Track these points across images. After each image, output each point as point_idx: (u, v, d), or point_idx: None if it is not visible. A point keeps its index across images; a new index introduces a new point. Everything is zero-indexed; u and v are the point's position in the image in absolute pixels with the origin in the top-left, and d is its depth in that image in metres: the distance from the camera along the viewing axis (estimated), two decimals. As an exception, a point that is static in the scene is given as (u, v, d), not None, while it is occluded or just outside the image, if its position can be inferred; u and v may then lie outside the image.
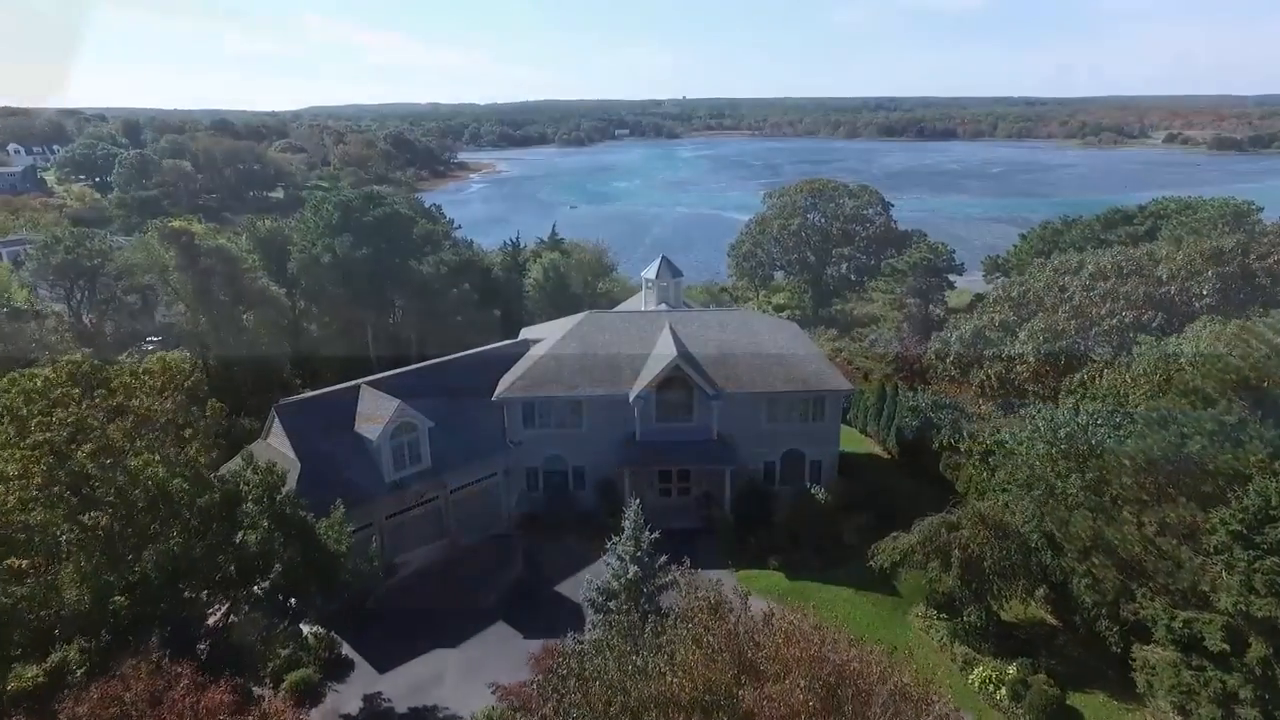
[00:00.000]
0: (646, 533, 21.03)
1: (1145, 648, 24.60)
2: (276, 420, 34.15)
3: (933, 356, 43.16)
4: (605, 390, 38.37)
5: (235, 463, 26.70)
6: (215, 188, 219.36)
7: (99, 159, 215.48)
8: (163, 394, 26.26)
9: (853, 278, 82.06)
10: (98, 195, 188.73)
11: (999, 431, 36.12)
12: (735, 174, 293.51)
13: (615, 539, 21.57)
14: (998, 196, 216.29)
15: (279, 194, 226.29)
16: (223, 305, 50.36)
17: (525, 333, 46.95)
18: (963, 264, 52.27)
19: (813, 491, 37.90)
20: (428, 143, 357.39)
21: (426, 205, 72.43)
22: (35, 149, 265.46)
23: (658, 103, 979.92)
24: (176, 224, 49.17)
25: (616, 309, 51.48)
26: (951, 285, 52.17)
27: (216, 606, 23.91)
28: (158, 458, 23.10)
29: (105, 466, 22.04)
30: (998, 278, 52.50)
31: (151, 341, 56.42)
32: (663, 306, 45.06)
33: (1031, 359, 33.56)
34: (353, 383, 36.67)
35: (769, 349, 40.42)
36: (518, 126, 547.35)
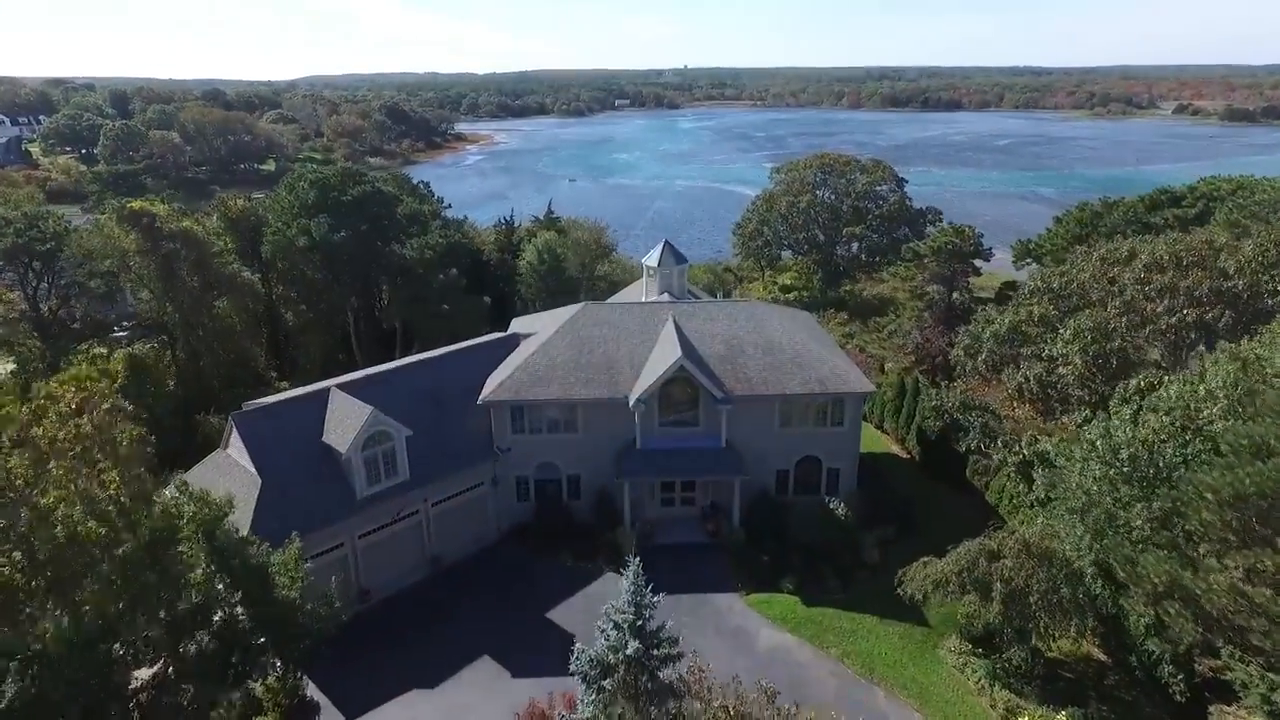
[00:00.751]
0: (649, 594, 17.60)
1: (1228, 710, 21.24)
2: (235, 429, 30.55)
3: (961, 352, 39.39)
4: (602, 393, 34.73)
5: (173, 490, 23.12)
6: (204, 160, 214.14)
7: (84, 130, 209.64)
8: (79, 415, 22.59)
9: (864, 258, 78.05)
10: (84, 168, 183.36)
11: (1039, 441, 32.52)
12: (737, 146, 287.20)
13: (610, 604, 18.11)
14: (1009, 170, 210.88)
15: (270, 166, 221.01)
16: (190, 292, 46.53)
17: (516, 324, 43.20)
18: (990, 249, 48.32)
19: (831, 506, 34.39)
20: (424, 113, 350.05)
21: (414, 182, 68.11)
22: (21, 119, 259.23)
23: (658, 72, 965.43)
24: (137, 204, 45.11)
25: (616, 297, 47.68)
26: (977, 271, 48.16)
27: (145, 668, 20.49)
28: (74, 491, 19.52)
29: (4, 507, 18.47)
30: (1027, 264, 48.25)
31: (123, 330, 52.69)
32: (665, 296, 41.27)
33: (1078, 360, 29.88)
34: (320, 385, 32.97)
35: (783, 345, 36.69)
36: (516, 97, 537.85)
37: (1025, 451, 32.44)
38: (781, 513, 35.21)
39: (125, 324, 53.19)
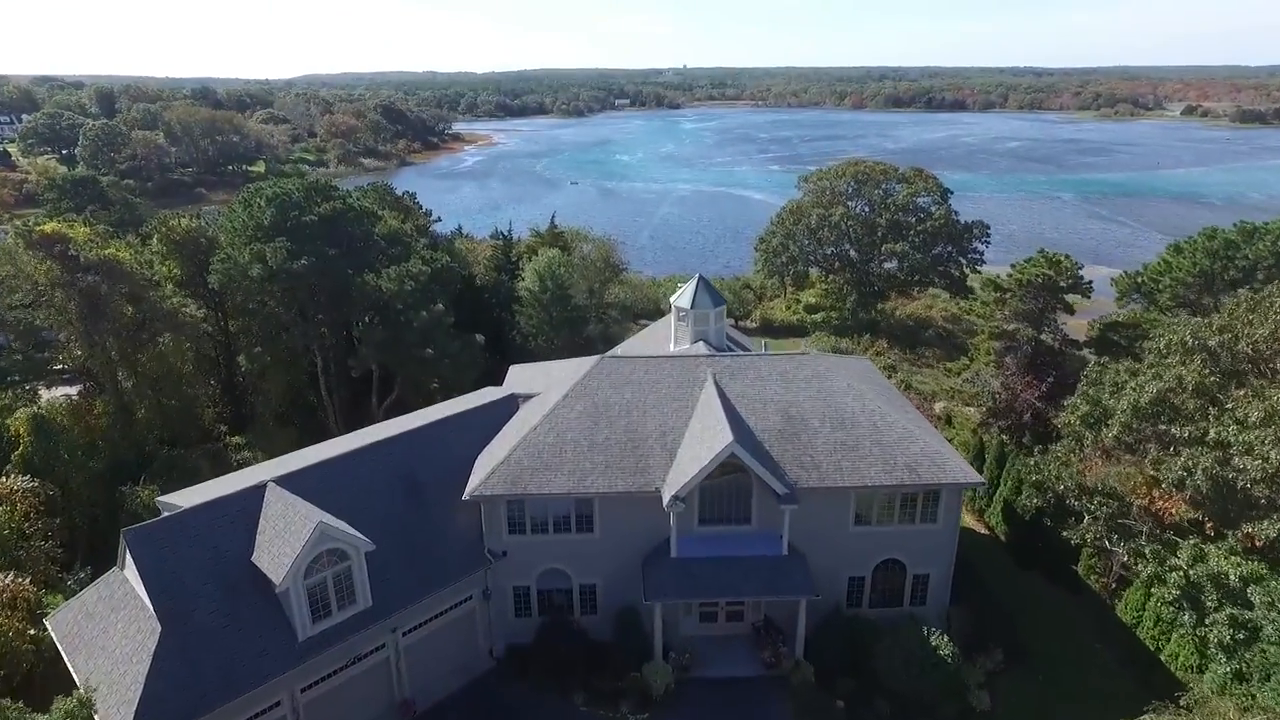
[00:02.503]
0: None
1: None
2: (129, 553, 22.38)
3: (1076, 420, 31.29)
4: (628, 485, 26.63)
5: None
6: (191, 161, 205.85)
7: (64, 129, 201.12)
8: None
9: (901, 276, 70.06)
10: (64, 169, 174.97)
11: (1206, 555, 24.47)
12: (742, 148, 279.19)
13: None
14: (1030, 173, 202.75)
15: (259, 168, 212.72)
16: (120, 332, 38.41)
17: (515, 377, 35.12)
18: (1090, 283, 40.04)
19: (927, 633, 26.27)
20: (421, 113, 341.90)
21: (399, 193, 59.80)
22: (2, 118, 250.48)
23: (658, 72, 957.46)
24: (49, 227, 36.98)
25: (637, 341, 39.52)
26: (1070, 310, 39.96)
27: None
28: None
29: None
30: (1132, 301, 40.18)
31: (61, 375, 44.32)
32: (700, 346, 33.19)
33: (1274, 455, 21.99)
34: (251, 483, 24.72)
35: (855, 416, 28.63)
36: (515, 96, 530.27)
37: (1188, 569, 24.38)
38: (859, 637, 27.12)
39: (63, 369, 44.92)
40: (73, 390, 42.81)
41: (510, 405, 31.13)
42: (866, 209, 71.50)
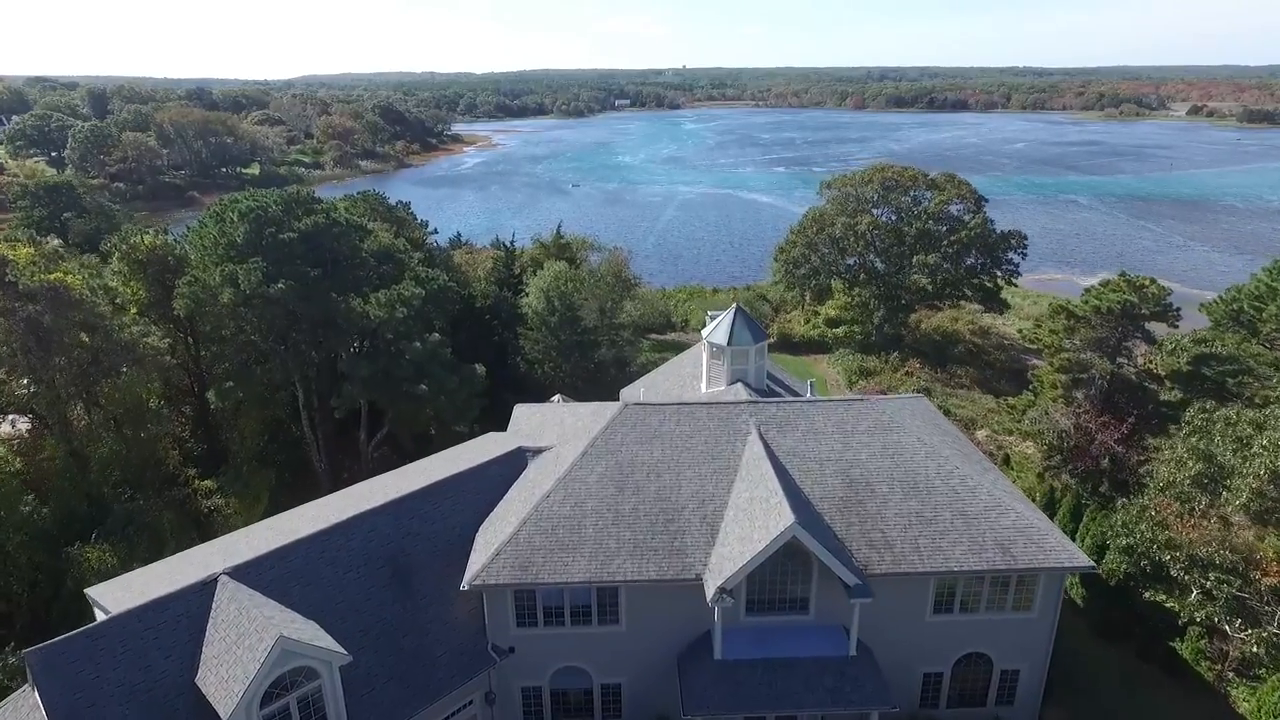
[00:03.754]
0: None
1: None
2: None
3: (1185, 479, 26.55)
4: (661, 570, 21.93)
5: None
6: (183, 163, 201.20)
7: (53, 131, 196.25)
8: None
9: (930, 289, 65.31)
10: (53, 171, 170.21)
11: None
12: (745, 149, 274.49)
13: None
14: (1040, 175, 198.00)
15: (254, 170, 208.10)
16: (70, 367, 33.68)
17: (520, 419, 30.41)
18: (1178, 309, 35.17)
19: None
20: (419, 114, 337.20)
21: (392, 203, 54.95)
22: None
23: (658, 72, 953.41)
24: (-14, 248, 32.33)
25: (660, 376, 34.68)
26: (1151, 340, 35.01)
27: None
28: None
29: None
30: (1228, 329, 35.32)
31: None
32: (739, 389, 28.46)
33: None
34: (201, 575, 19.97)
35: (930, 479, 23.95)
36: (515, 97, 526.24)
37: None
38: (940, 753, 22.42)
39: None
40: (23, 424, 38.11)
41: (517, 462, 26.40)
42: (893, 217, 66.77)
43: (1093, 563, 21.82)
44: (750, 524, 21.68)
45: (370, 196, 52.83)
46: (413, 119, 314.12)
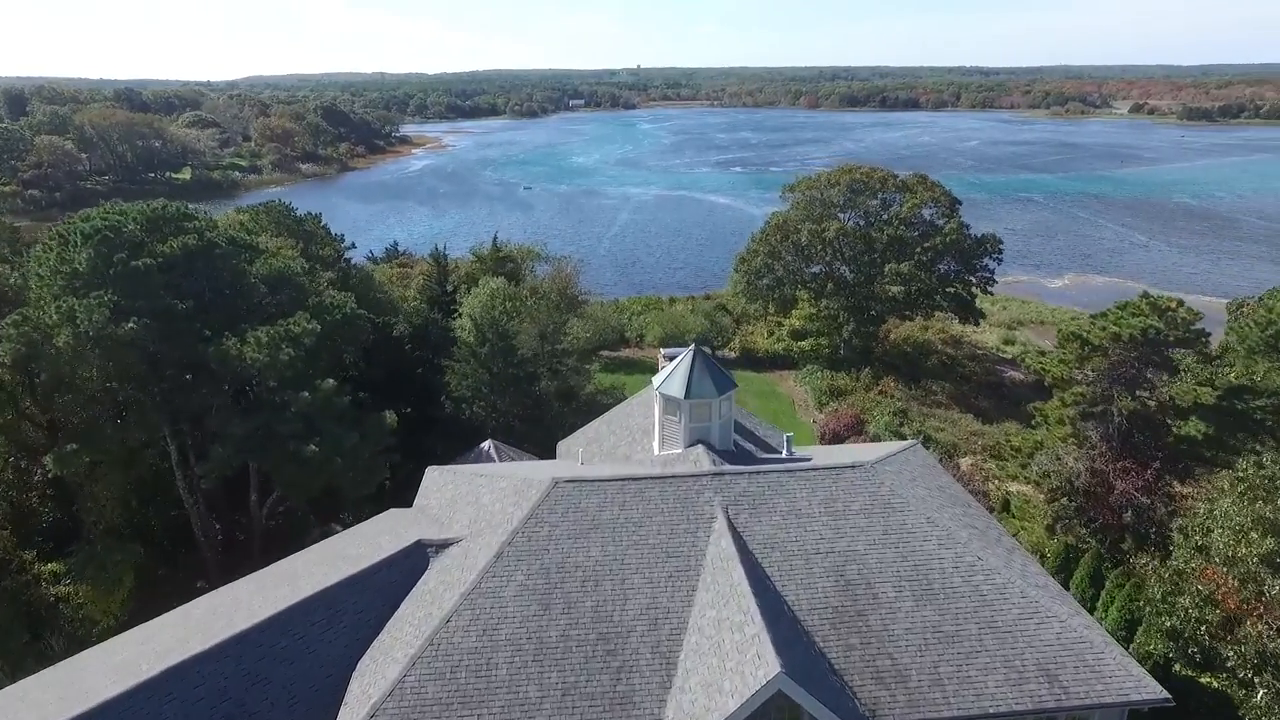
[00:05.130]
0: None
1: None
2: None
3: (1253, 560, 21.53)
4: (600, 731, 16.09)
5: None
6: (107, 168, 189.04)
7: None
8: None
9: (902, 299, 60.61)
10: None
11: None
12: (702, 149, 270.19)
13: None
14: (995, 174, 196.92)
15: (185, 175, 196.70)
16: None
17: (429, 491, 24.35)
18: (1207, 335, 30.42)
19: None
20: (366, 115, 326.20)
21: (300, 215, 47.82)
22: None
23: (612, 72, 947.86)
24: None
25: (605, 426, 28.62)
26: (1174, 370, 29.92)
27: None
28: None
29: None
30: (1261, 354, 30.64)
31: None
32: (699, 452, 22.70)
33: None
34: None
35: (948, 575, 18.62)
36: (467, 97, 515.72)
37: None
38: None
39: None
40: None
41: (415, 561, 20.33)
42: (862, 222, 62.00)
43: (1167, 695, 16.72)
44: (720, 663, 15.97)
45: (275, 208, 45.92)
46: (358, 120, 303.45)
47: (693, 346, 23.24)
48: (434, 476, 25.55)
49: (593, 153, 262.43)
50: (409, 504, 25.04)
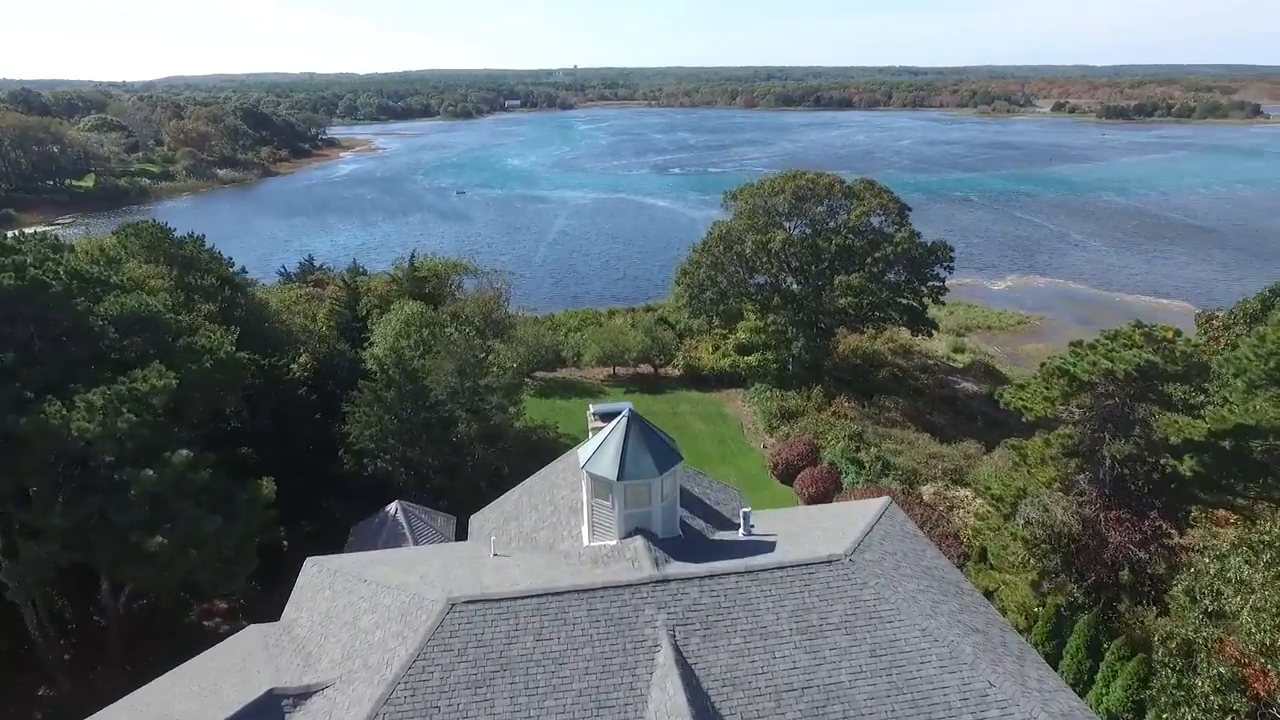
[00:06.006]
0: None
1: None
2: None
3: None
4: None
5: None
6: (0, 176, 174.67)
7: None
8: None
9: (851, 312, 57.42)
10: None
11: None
12: (641, 150, 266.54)
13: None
14: (930, 173, 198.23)
15: (88, 182, 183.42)
16: None
17: (300, 599, 19.33)
18: (1207, 367, 27.38)
19: None
20: (290, 117, 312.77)
21: (176, 235, 41.16)
22: None
23: (549, 72, 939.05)
24: None
25: (526, 499, 23.88)
26: (1170, 406, 26.51)
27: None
28: None
29: None
30: (1263, 387, 27.45)
31: None
32: (638, 547, 18.23)
33: None
34: None
35: (949, 701, 14.64)
36: (399, 98, 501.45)
37: None
38: None
39: None
40: None
41: (267, 715, 15.35)
42: (808, 230, 58.60)
43: None
44: None
45: (146, 229, 39.50)
46: (281, 123, 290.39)
47: (626, 411, 18.73)
48: (311, 576, 20.51)
49: (529, 155, 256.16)
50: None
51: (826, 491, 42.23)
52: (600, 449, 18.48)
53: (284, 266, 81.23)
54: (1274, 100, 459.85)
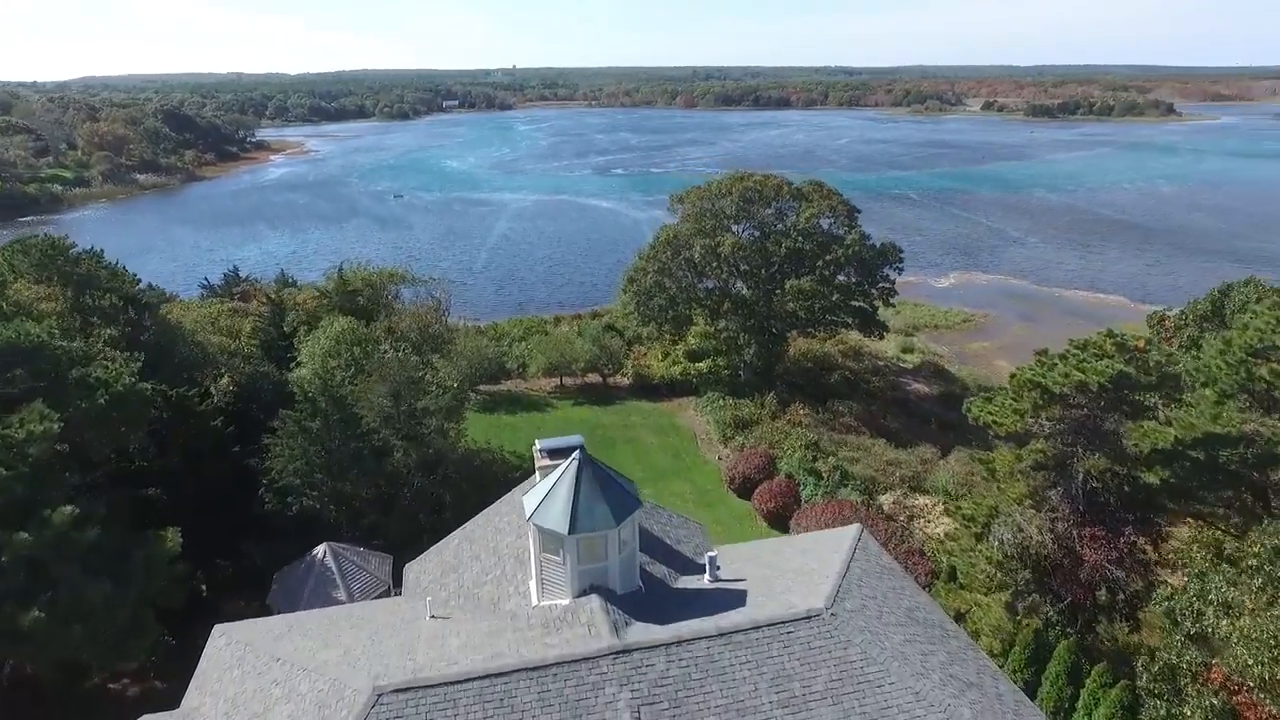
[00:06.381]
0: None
1: None
2: None
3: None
4: None
5: None
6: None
7: None
8: None
9: (802, 316, 56.30)
10: None
11: None
12: (582, 151, 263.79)
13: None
14: (868, 171, 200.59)
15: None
16: None
17: (203, 680, 16.64)
18: (1178, 377, 26.62)
19: None
20: (216, 119, 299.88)
21: (74, 252, 37.06)
22: None
23: (487, 72, 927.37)
24: None
25: (467, 545, 21.40)
26: (1141, 415, 25.74)
27: None
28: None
29: None
30: (1234, 395, 26.35)
31: None
32: (594, 607, 16.08)
33: None
34: None
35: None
36: (333, 99, 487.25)
37: None
38: None
39: None
40: None
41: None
42: (756, 233, 57.28)
43: None
44: None
45: (35, 245, 35.40)
46: (206, 124, 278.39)
47: (577, 455, 16.61)
48: (219, 650, 17.82)
49: (468, 157, 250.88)
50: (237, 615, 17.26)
51: (786, 505, 40.79)
52: (549, 498, 16.30)
53: (206, 279, 76.50)
54: (1184, 99, 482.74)
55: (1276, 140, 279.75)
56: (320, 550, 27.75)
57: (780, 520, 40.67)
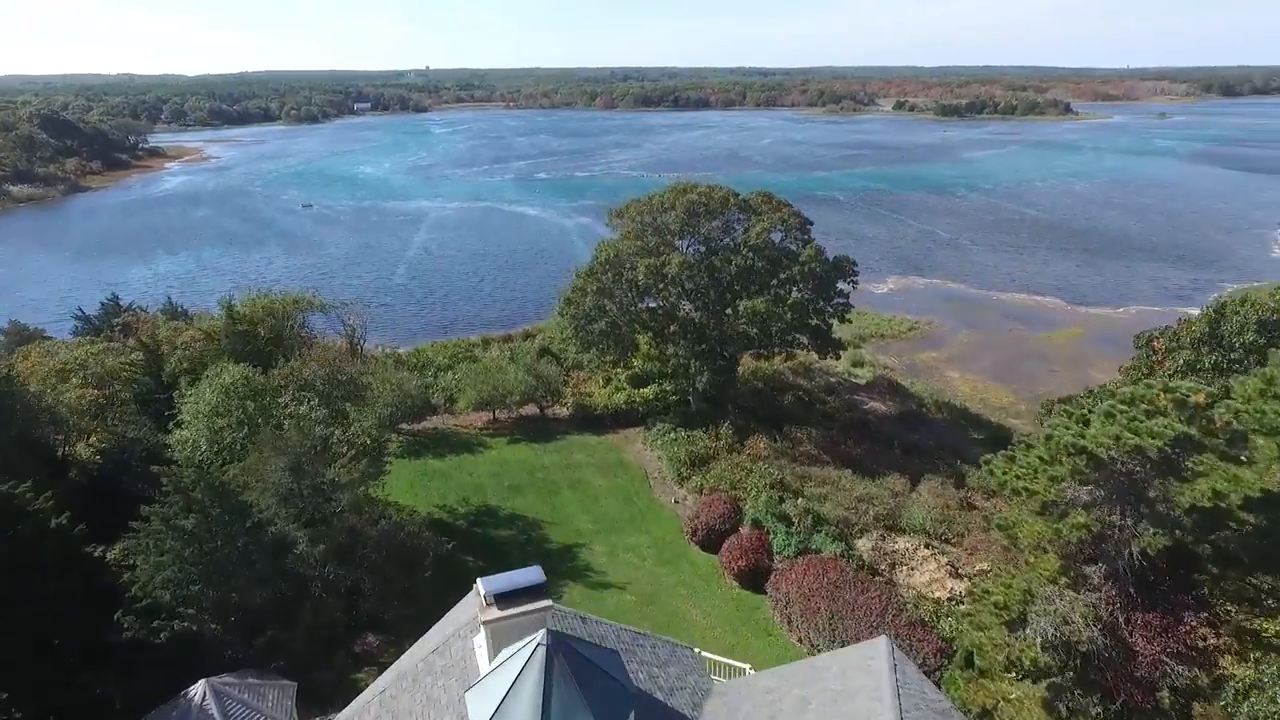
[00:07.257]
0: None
1: None
2: None
3: None
4: None
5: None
6: None
7: None
8: None
9: (755, 335, 52.18)
10: None
11: None
12: (503, 155, 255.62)
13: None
14: (793, 173, 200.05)
15: None
16: None
17: None
18: (1246, 436, 23.02)
19: None
20: (103, 124, 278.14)
21: None
22: None
23: (399, 73, 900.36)
24: None
25: (388, 702, 15.88)
26: (1181, 478, 22.16)
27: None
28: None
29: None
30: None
31: None
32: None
33: None
34: None
35: None
36: (235, 101, 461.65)
37: None
38: None
39: None
40: None
41: None
42: (703, 249, 52.81)
43: None
44: None
45: None
46: (90, 130, 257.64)
47: (541, 638, 11.46)
48: None
49: (382, 162, 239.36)
50: None
51: (757, 564, 36.37)
52: (506, 706, 11.02)
53: (81, 309, 67.16)
54: (1077, 98, 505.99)
55: (1164, 138, 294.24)
56: (198, 691, 21.54)
57: (752, 579, 36.24)
